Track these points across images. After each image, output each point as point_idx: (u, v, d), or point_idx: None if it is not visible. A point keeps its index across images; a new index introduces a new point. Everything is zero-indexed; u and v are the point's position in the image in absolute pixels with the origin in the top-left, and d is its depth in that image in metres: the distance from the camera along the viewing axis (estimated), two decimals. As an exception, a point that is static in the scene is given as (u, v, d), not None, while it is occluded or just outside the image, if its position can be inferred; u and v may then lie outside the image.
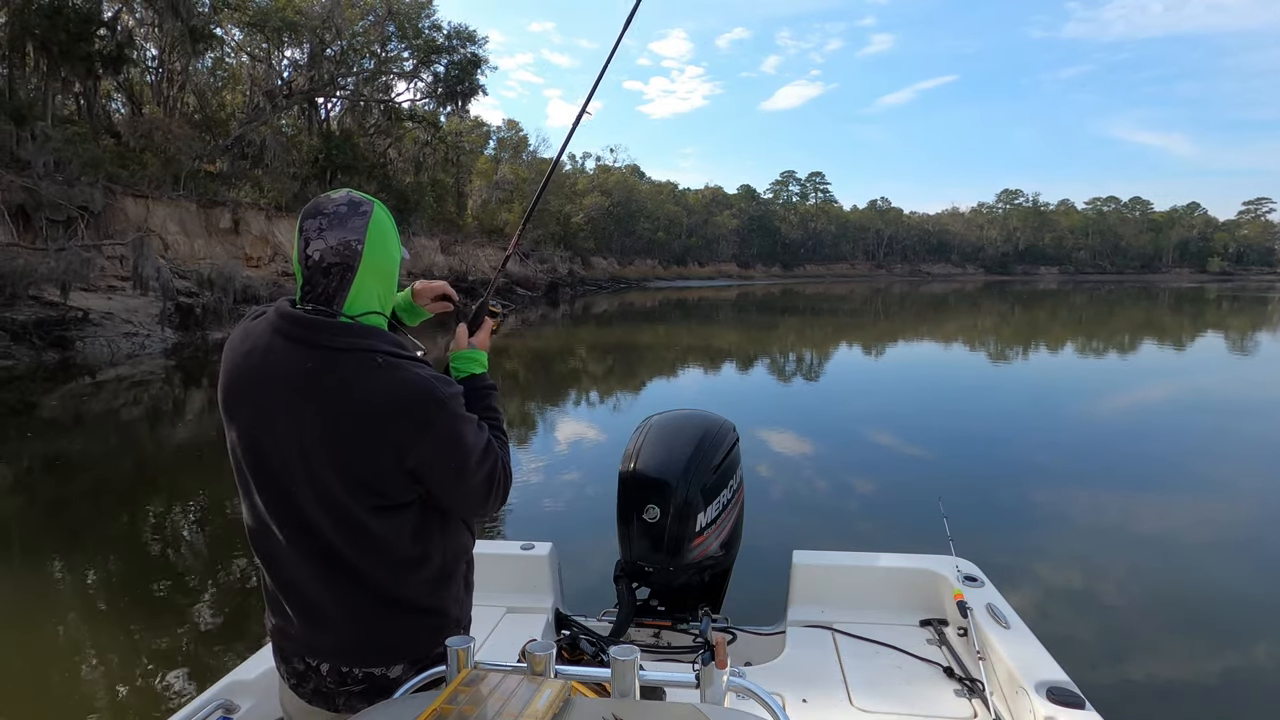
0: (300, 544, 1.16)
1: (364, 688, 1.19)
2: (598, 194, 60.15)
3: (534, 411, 10.16)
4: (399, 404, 1.10)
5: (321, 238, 1.14)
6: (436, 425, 1.13)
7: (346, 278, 1.14)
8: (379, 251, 1.17)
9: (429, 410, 1.12)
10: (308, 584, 1.17)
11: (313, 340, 1.12)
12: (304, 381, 1.11)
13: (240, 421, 1.16)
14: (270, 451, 1.14)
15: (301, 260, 1.15)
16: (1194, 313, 33.45)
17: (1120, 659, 3.39)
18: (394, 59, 31.28)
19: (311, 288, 1.15)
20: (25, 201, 15.80)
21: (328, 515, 1.13)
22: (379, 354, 1.12)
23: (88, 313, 14.36)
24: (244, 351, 1.16)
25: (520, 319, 26.51)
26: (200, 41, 23.67)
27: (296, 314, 1.14)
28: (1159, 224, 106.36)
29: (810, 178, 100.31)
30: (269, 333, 1.15)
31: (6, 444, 8.07)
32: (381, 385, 1.10)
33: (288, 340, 1.13)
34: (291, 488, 1.14)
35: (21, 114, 17.09)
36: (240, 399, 1.16)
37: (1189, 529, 5.33)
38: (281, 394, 1.12)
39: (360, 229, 1.15)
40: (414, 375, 1.13)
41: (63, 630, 3.74)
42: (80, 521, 5.48)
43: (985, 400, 10.98)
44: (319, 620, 1.18)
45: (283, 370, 1.12)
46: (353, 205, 1.17)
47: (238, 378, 1.16)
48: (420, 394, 1.12)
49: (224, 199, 22.33)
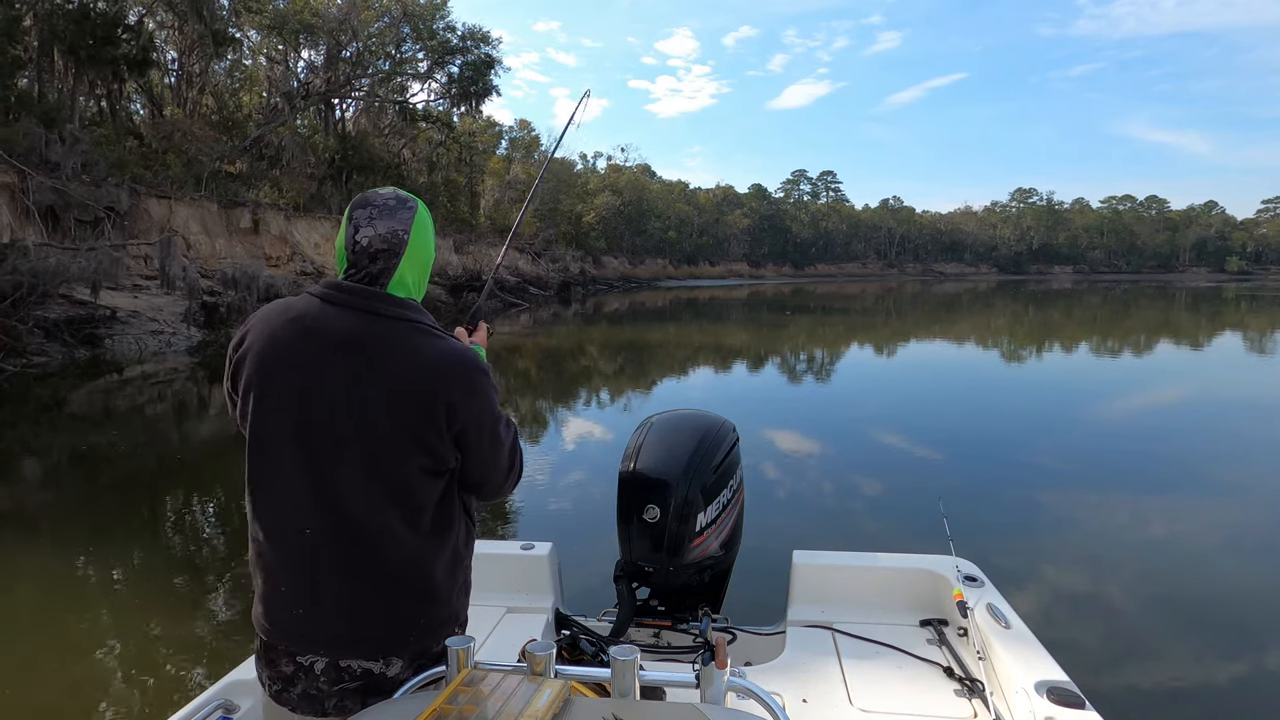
0: (324, 519, 1.16)
1: (360, 685, 1.18)
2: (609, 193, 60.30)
3: (537, 410, 10.20)
4: (450, 366, 1.18)
5: (371, 225, 1.21)
6: (481, 389, 1.21)
7: (391, 264, 1.21)
8: (421, 244, 1.25)
9: (475, 375, 1.20)
10: (319, 566, 1.17)
11: (364, 306, 1.18)
12: (360, 340, 1.16)
13: (284, 385, 1.17)
14: (320, 409, 1.15)
15: (348, 245, 1.22)
16: (1211, 312, 32.83)
17: (1121, 659, 3.38)
18: (409, 60, 31.61)
19: (357, 270, 1.22)
20: (55, 202, 16.19)
21: (372, 479, 1.15)
22: (426, 325, 1.21)
23: (115, 311, 14.72)
24: (290, 317, 1.19)
25: (533, 318, 26.64)
26: (222, 44, 24.08)
27: (347, 284, 1.20)
28: (1175, 223, 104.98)
29: (821, 177, 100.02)
30: (316, 302, 1.20)
31: (38, 438, 8.34)
32: (432, 350, 1.18)
33: (338, 307, 1.18)
34: (335, 449, 1.15)
35: (50, 117, 17.50)
36: (287, 361, 1.17)
37: (1194, 531, 5.29)
38: (336, 352, 1.15)
39: (407, 221, 1.23)
40: (458, 346, 1.23)
41: (67, 627, 3.73)
42: (97, 516, 5.55)
43: (991, 400, 10.90)
44: (324, 608, 1.17)
45: (336, 330, 1.16)
46: (400, 200, 1.25)
47: (283, 342, 1.18)
48: (468, 360, 1.21)
49: (244, 199, 22.70)
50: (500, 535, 4.82)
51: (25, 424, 9.01)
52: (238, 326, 1.28)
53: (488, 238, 38.39)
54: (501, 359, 15.44)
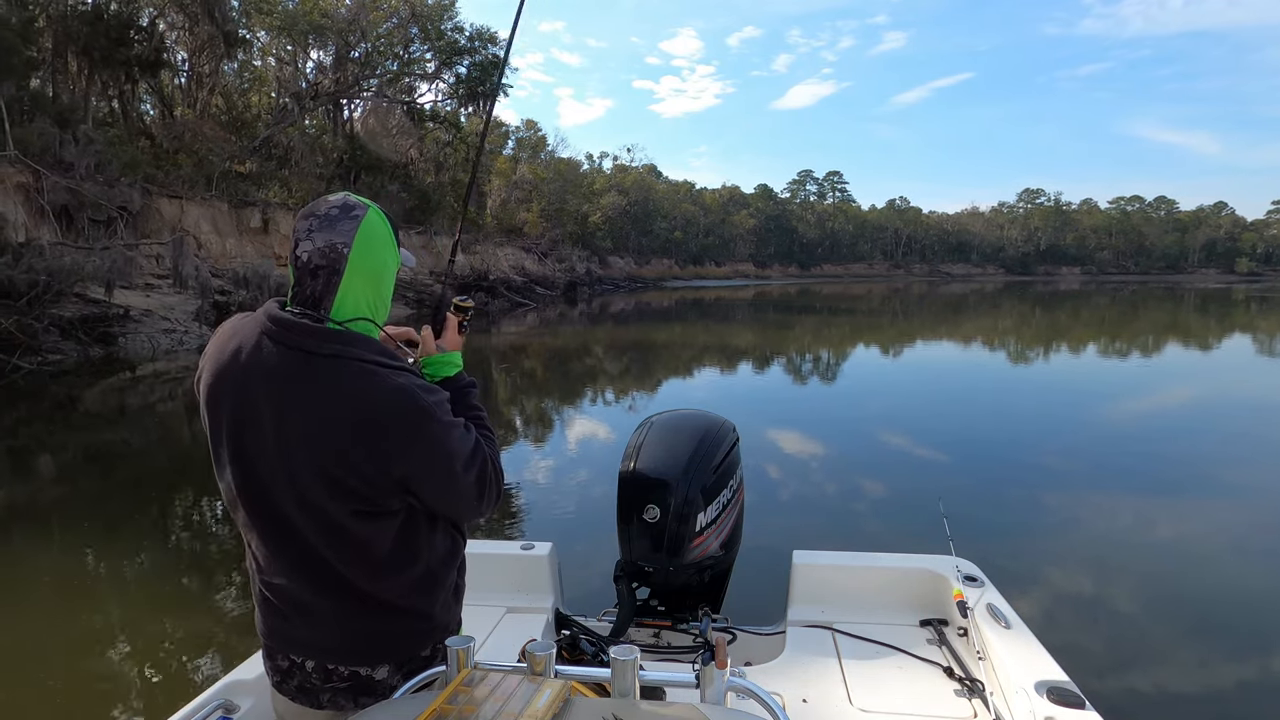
0: (283, 544, 1.16)
1: (349, 684, 1.19)
2: (615, 193, 60.38)
3: (540, 411, 10.21)
4: (384, 413, 1.09)
5: (310, 239, 1.13)
6: (423, 434, 1.12)
7: (333, 281, 1.13)
8: (368, 256, 1.15)
9: (414, 419, 1.11)
10: (292, 582, 1.17)
11: (299, 344, 1.11)
12: (289, 385, 1.10)
13: (222, 416, 1.15)
14: (251, 449, 1.13)
15: (292, 260, 1.15)
16: (1221, 314, 32.49)
17: (1121, 659, 3.38)
18: (417, 61, 31.79)
19: (300, 289, 1.15)
20: (69, 202, 16.37)
21: (308, 517, 1.13)
22: (365, 362, 1.11)
23: (129, 310, 14.90)
24: (232, 349, 1.15)
25: (539, 318, 26.68)
26: (233, 45, 24.29)
27: (284, 317, 1.13)
28: (1185, 223, 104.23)
29: (828, 177, 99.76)
30: (257, 332, 1.14)
31: (53, 435, 8.44)
32: (366, 393, 1.10)
33: (274, 343, 1.12)
34: (273, 487, 1.13)
35: (65, 117, 17.71)
36: (224, 394, 1.14)
37: (1198, 532, 5.25)
38: (266, 394, 1.11)
39: (349, 232, 1.14)
40: (398, 384, 1.11)
41: (70, 624, 3.75)
42: (106, 513, 5.60)
43: (995, 401, 10.85)
44: (304, 618, 1.18)
45: (268, 371, 1.11)
46: (345, 209, 1.15)
47: (223, 374, 1.15)
48: (404, 403, 1.11)
49: (254, 199, 22.91)
50: (500, 535, 4.84)
51: (40, 421, 9.14)
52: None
53: (494, 237, 38.54)
54: (507, 359, 15.49)
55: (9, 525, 5.38)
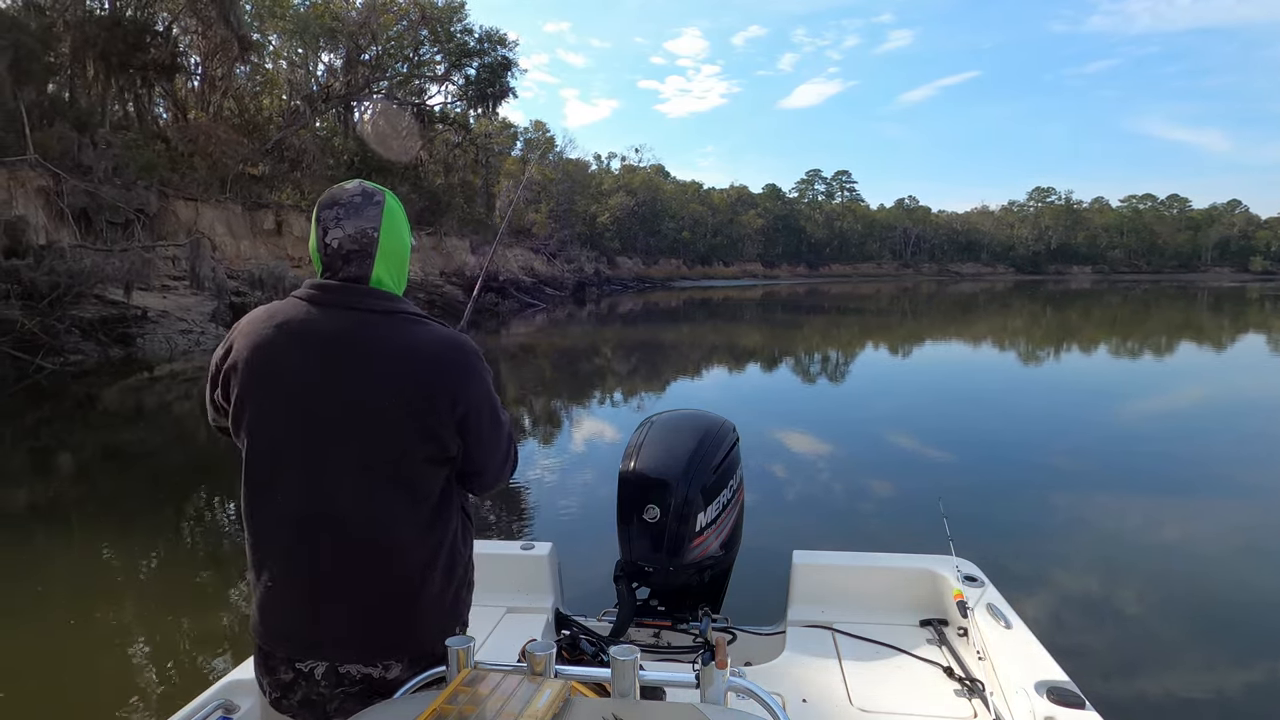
0: (324, 521, 1.16)
1: (360, 689, 1.18)
2: (623, 194, 60.48)
3: (543, 410, 10.24)
4: (444, 354, 1.18)
5: (340, 226, 1.19)
6: (476, 374, 1.21)
7: (365, 264, 1.20)
8: (393, 238, 1.23)
9: (471, 358, 1.20)
10: (319, 568, 1.17)
11: (349, 303, 1.17)
12: (350, 337, 1.15)
13: (278, 390, 1.17)
14: (317, 410, 1.15)
15: (320, 248, 1.20)
16: (1234, 313, 32.11)
17: (1122, 660, 3.37)
18: (426, 63, 32.01)
19: (332, 274, 1.20)
20: (87, 205, 16.64)
21: (370, 473, 1.15)
22: (412, 314, 1.21)
23: (146, 311, 15.13)
24: (277, 324, 1.18)
25: (548, 318, 26.76)
26: (247, 49, 24.58)
27: (330, 283, 1.19)
28: (1197, 222, 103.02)
29: (836, 176, 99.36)
30: (301, 304, 1.19)
31: (73, 434, 8.58)
32: (423, 338, 1.18)
33: (323, 307, 1.17)
34: (335, 448, 1.15)
35: (83, 122, 18.01)
36: (278, 367, 1.16)
37: (1205, 533, 5.22)
38: (327, 352, 1.15)
39: (375, 217, 1.21)
40: (447, 331, 1.23)
41: (75, 623, 3.76)
42: (122, 511, 5.65)
43: (1002, 402, 10.79)
44: (323, 609, 1.17)
45: (324, 330, 1.16)
46: (367, 195, 1.22)
47: (272, 348, 1.17)
48: (460, 343, 1.21)
49: (267, 201, 23.16)
50: (500, 535, 4.84)
51: (61, 420, 9.30)
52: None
53: (503, 238, 38.70)
54: (516, 358, 15.61)
55: (30, 524, 5.46)
